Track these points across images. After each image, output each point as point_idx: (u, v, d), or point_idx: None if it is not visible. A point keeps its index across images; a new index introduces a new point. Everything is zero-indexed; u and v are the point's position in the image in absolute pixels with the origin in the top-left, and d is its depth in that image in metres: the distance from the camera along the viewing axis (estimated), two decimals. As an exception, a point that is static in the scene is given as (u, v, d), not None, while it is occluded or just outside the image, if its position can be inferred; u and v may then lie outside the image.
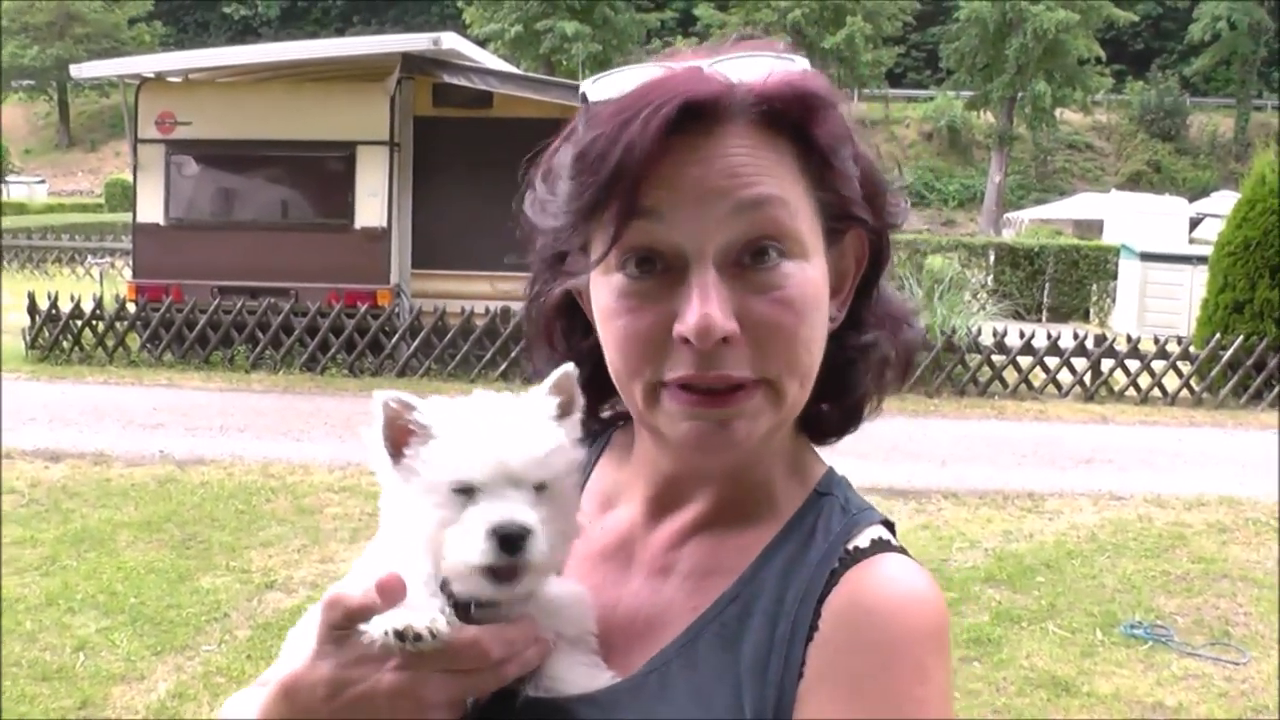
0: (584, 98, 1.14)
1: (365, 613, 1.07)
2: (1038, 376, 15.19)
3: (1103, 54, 52.39)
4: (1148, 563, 8.42)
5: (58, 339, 15.62)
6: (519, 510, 1.07)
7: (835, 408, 1.25)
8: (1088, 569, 8.25)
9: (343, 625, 1.08)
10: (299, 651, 1.13)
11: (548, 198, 1.16)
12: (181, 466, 10.21)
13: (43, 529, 8.45)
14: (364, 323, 14.87)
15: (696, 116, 1.07)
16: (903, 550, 1.19)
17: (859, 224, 1.17)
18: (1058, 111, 53.99)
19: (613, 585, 1.23)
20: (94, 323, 15.70)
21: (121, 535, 8.35)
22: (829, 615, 1.11)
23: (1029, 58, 49.87)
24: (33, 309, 15.66)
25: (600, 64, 53.56)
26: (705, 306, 1.06)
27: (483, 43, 38.16)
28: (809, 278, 1.11)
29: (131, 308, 15.63)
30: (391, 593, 1.07)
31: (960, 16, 52.94)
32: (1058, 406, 14.57)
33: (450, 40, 15.61)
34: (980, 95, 53.91)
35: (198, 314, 15.18)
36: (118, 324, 15.64)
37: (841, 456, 1.29)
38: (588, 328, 1.22)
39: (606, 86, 1.12)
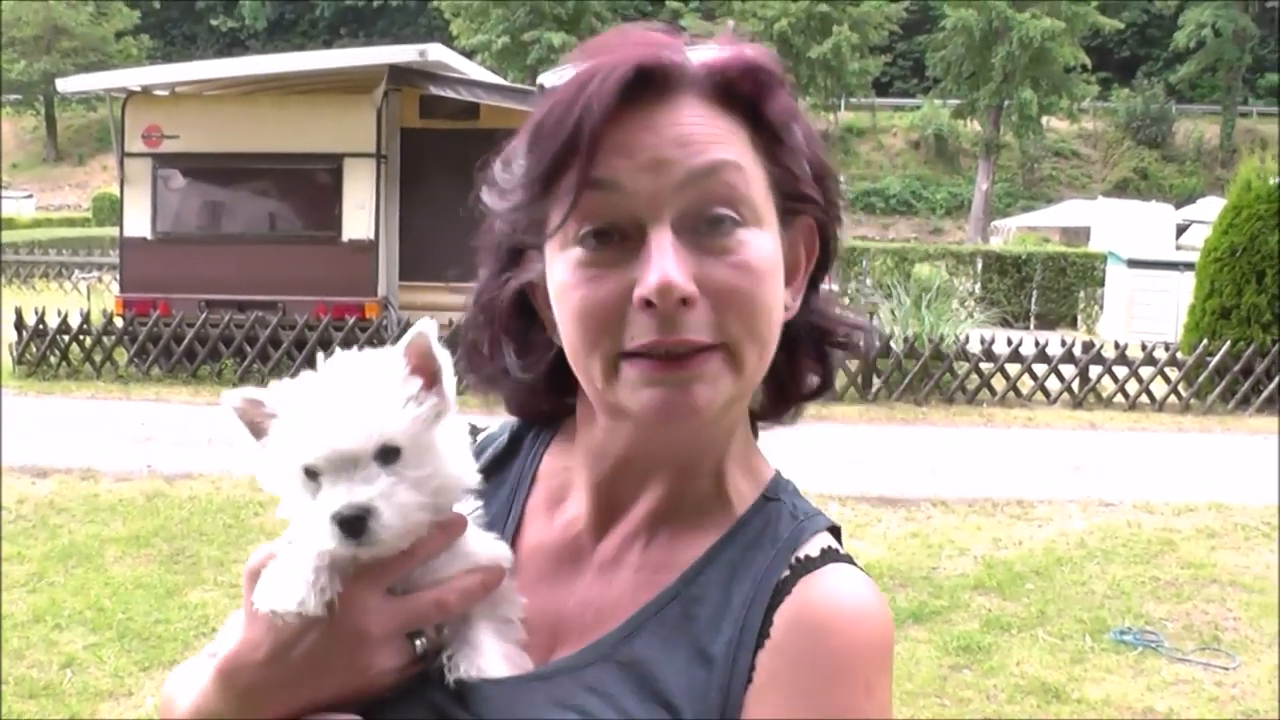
0: (541, 88, 1.16)
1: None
2: (1026, 384, 15.22)
3: (1089, 62, 52.57)
4: (1137, 569, 8.43)
5: (45, 354, 15.57)
6: (355, 491, 1.08)
7: (775, 394, 1.27)
8: (1077, 575, 8.26)
9: None
10: (232, 628, 1.16)
11: (505, 178, 1.20)
12: (169, 481, 10.18)
13: (30, 545, 8.41)
14: (352, 335, 14.80)
15: (649, 84, 1.09)
16: (850, 559, 1.19)
17: (810, 205, 1.18)
18: (1044, 119, 54.23)
19: (565, 579, 1.24)
20: (81, 337, 15.65)
21: (109, 551, 8.32)
22: (781, 624, 1.12)
23: (1015, 66, 50.03)
24: (20, 324, 15.60)
25: (587, 75, 53.65)
26: (665, 269, 1.06)
27: (469, 54, 38.24)
28: (765, 245, 1.12)
29: (119, 322, 15.58)
30: (254, 575, 1.12)
31: (946, 25, 53.08)
32: (1046, 413, 14.60)
33: (437, 52, 15.59)
34: (967, 103, 54.06)
35: (185, 328, 15.13)
36: (105, 338, 15.59)
37: (830, 464, 1.29)
38: (543, 326, 1.23)
39: (564, 74, 1.13)
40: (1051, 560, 8.55)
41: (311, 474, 1.09)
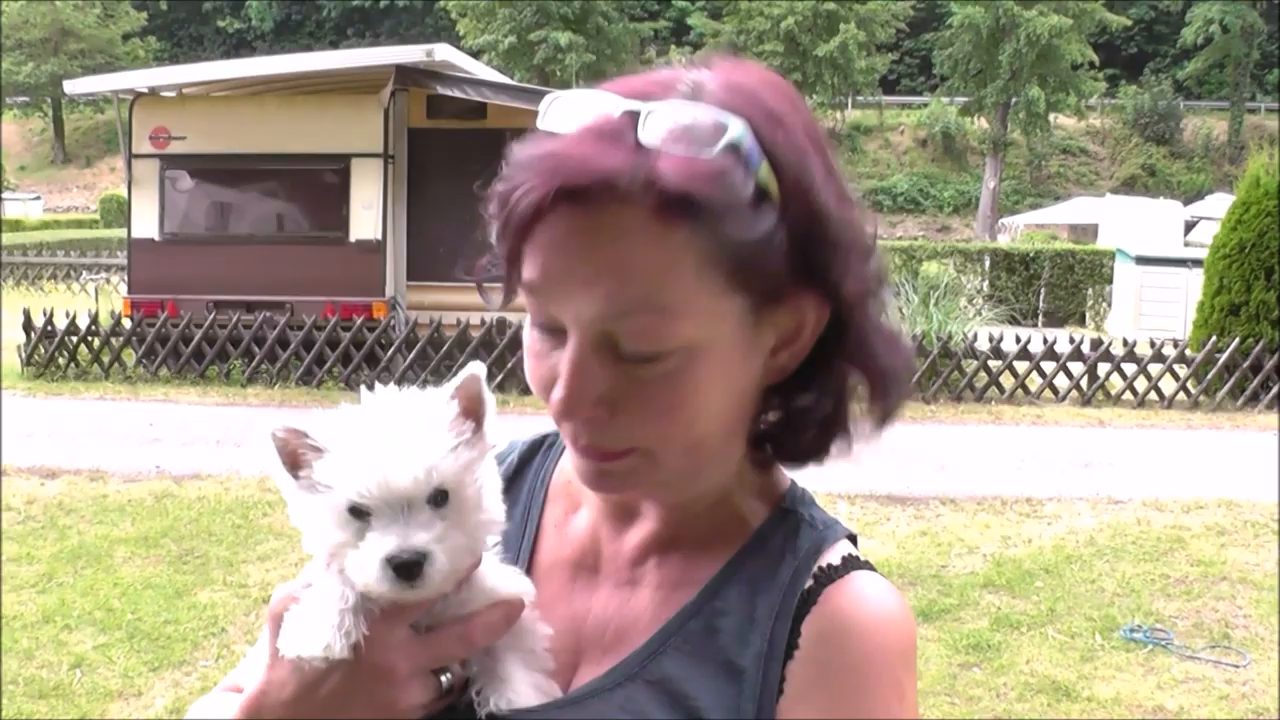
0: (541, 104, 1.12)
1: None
2: (1034, 381, 15.20)
3: (1096, 58, 52.54)
4: (1147, 566, 8.41)
5: (53, 355, 15.60)
6: (412, 535, 1.07)
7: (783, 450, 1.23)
8: (1087, 573, 8.24)
9: None
10: (257, 663, 1.15)
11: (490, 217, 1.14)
12: (178, 481, 10.19)
13: (39, 546, 8.43)
14: (360, 335, 14.85)
15: (584, 197, 1.03)
16: (870, 565, 1.21)
17: (801, 289, 1.10)
18: (1052, 116, 54.19)
19: (582, 594, 1.24)
20: (90, 339, 15.68)
21: (118, 551, 8.33)
22: (809, 634, 1.12)
23: (1022, 63, 50.01)
24: (28, 325, 15.63)
25: (594, 74, 53.70)
26: (564, 390, 1.08)
27: (476, 54, 38.23)
28: (693, 373, 1.08)
29: (127, 323, 15.60)
30: (277, 617, 1.11)
31: (953, 23, 53.07)
32: (1055, 411, 14.58)
33: (444, 52, 15.59)
34: (974, 101, 54.04)
35: (193, 329, 15.15)
36: (113, 339, 15.62)
37: (837, 464, 1.28)
38: None
39: (551, 115, 1.10)
40: (1061, 558, 8.54)
41: (359, 513, 1.08)
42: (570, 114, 1.08)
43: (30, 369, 15.53)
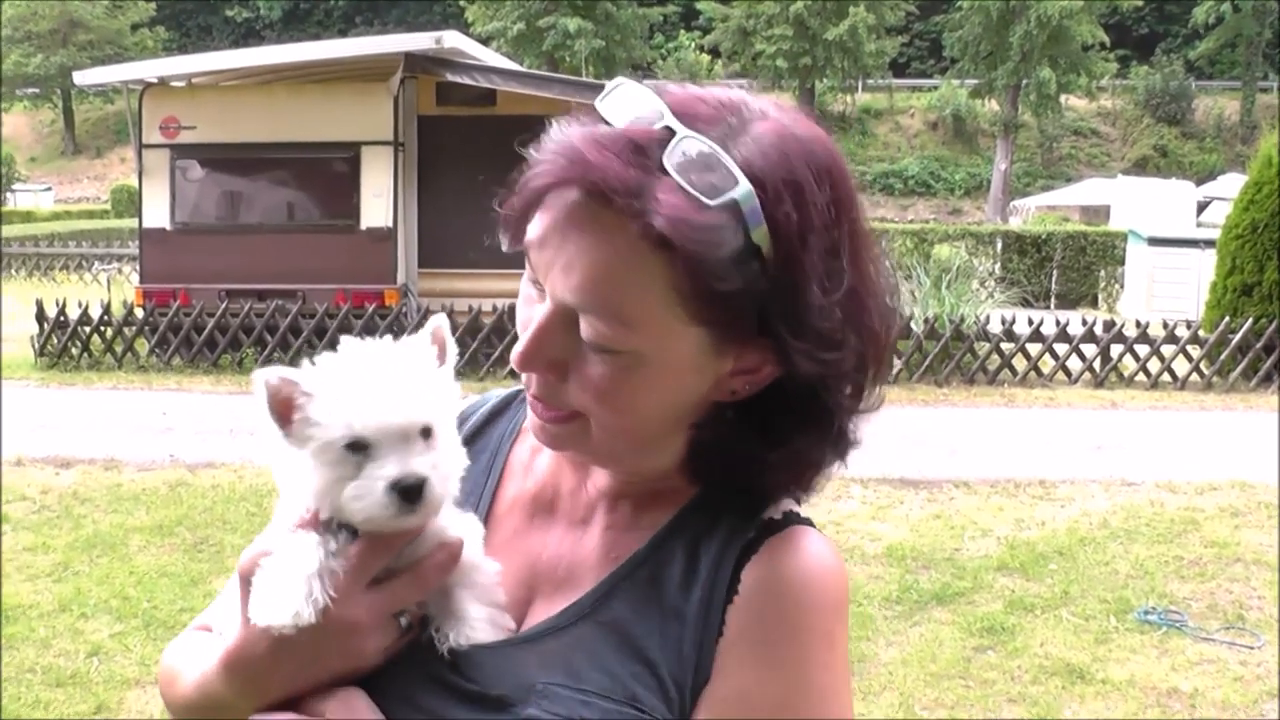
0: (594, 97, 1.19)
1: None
2: (1047, 364, 15.17)
3: (1107, 39, 52.37)
4: (1160, 548, 8.40)
5: (66, 345, 15.65)
6: (414, 462, 1.16)
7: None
8: (1100, 556, 8.23)
9: None
10: (225, 612, 1.25)
11: None
12: (192, 470, 10.22)
13: (54, 535, 8.46)
14: (372, 323, 14.83)
15: (590, 197, 1.12)
16: (810, 523, 1.27)
17: (766, 339, 1.17)
18: (1063, 98, 54.03)
19: (538, 531, 1.35)
20: (102, 329, 15.73)
21: (133, 540, 8.36)
22: (749, 581, 1.21)
23: (1033, 45, 49.85)
24: (41, 316, 15.68)
25: (603, 60, 53.68)
26: (525, 345, 1.20)
27: (485, 41, 38.20)
28: (634, 378, 1.17)
29: (139, 313, 15.65)
30: (247, 575, 1.20)
31: (963, 5, 52.94)
32: (1067, 393, 14.55)
33: (453, 39, 15.59)
34: (985, 83, 53.89)
35: (205, 318, 15.19)
36: (126, 329, 15.67)
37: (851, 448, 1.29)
38: None
39: (606, 102, 1.18)
40: (1074, 540, 8.53)
41: (357, 446, 1.15)
42: (623, 108, 1.16)
43: (43, 359, 15.58)
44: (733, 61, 57.13)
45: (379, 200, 15.30)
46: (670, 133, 1.12)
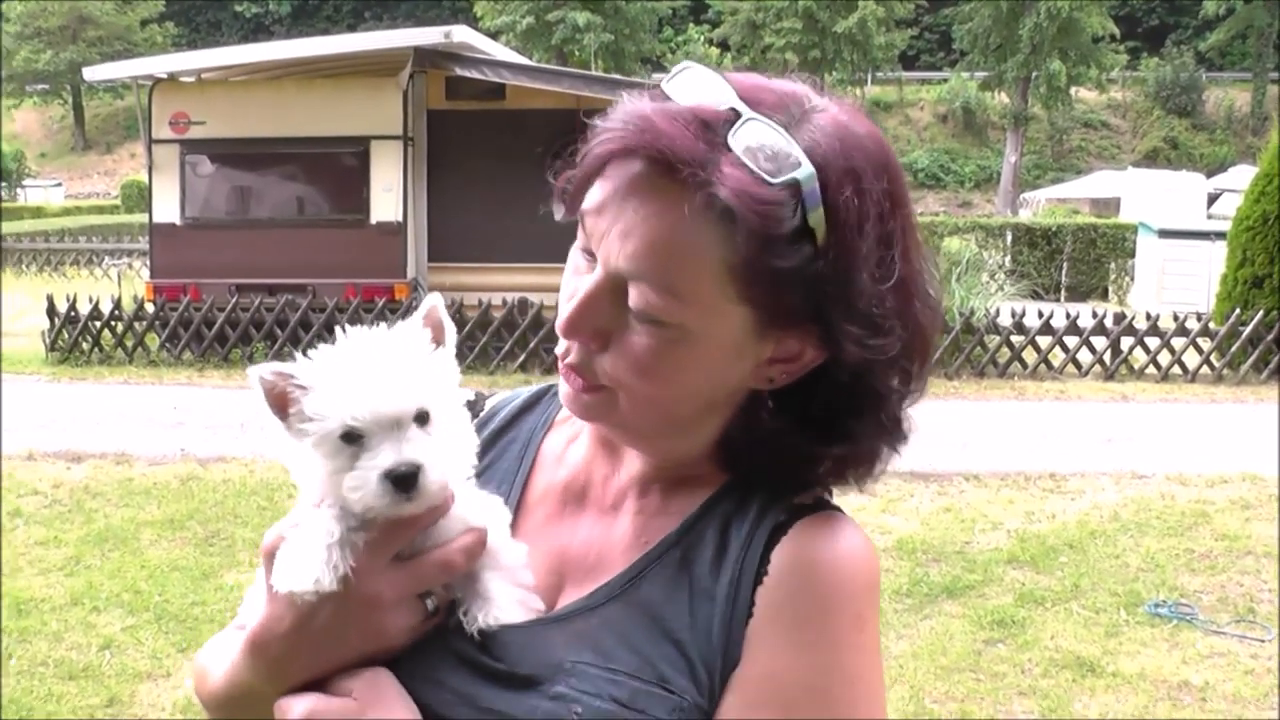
0: (659, 85, 1.22)
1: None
2: (1057, 356, 15.15)
3: (1117, 31, 52.23)
4: (1171, 541, 8.39)
5: (77, 340, 15.68)
6: (406, 450, 1.16)
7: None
8: (1111, 548, 8.22)
9: None
10: (255, 604, 1.25)
11: None
12: (203, 464, 10.25)
13: (66, 529, 8.49)
14: (382, 317, 14.81)
15: (654, 168, 1.14)
16: (841, 510, 1.28)
17: (810, 325, 1.18)
18: (1073, 90, 53.83)
19: (569, 520, 1.35)
20: (113, 323, 15.76)
21: (145, 534, 8.39)
22: (778, 563, 1.21)
23: (1043, 37, 49.69)
24: (52, 311, 15.71)
25: (612, 54, 53.61)
26: (572, 312, 1.21)
27: (494, 35, 38.24)
28: (677, 353, 1.19)
29: (150, 308, 15.66)
30: (270, 555, 1.20)
31: (973, -3, 52.75)
32: (1078, 386, 14.53)
33: (462, 33, 15.59)
34: (994, 76, 53.76)
35: (216, 312, 15.22)
36: (136, 324, 15.69)
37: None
38: None
39: (673, 83, 1.21)
40: (1085, 533, 8.52)
41: (352, 437, 1.16)
42: (690, 88, 1.19)
43: (54, 354, 15.62)
44: (742, 55, 57.03)
45: (389, 195, 15.31)
46: (736, 114, 1.15)
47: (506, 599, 1.24)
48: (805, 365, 1.22)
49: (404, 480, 1.15)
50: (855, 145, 1.17)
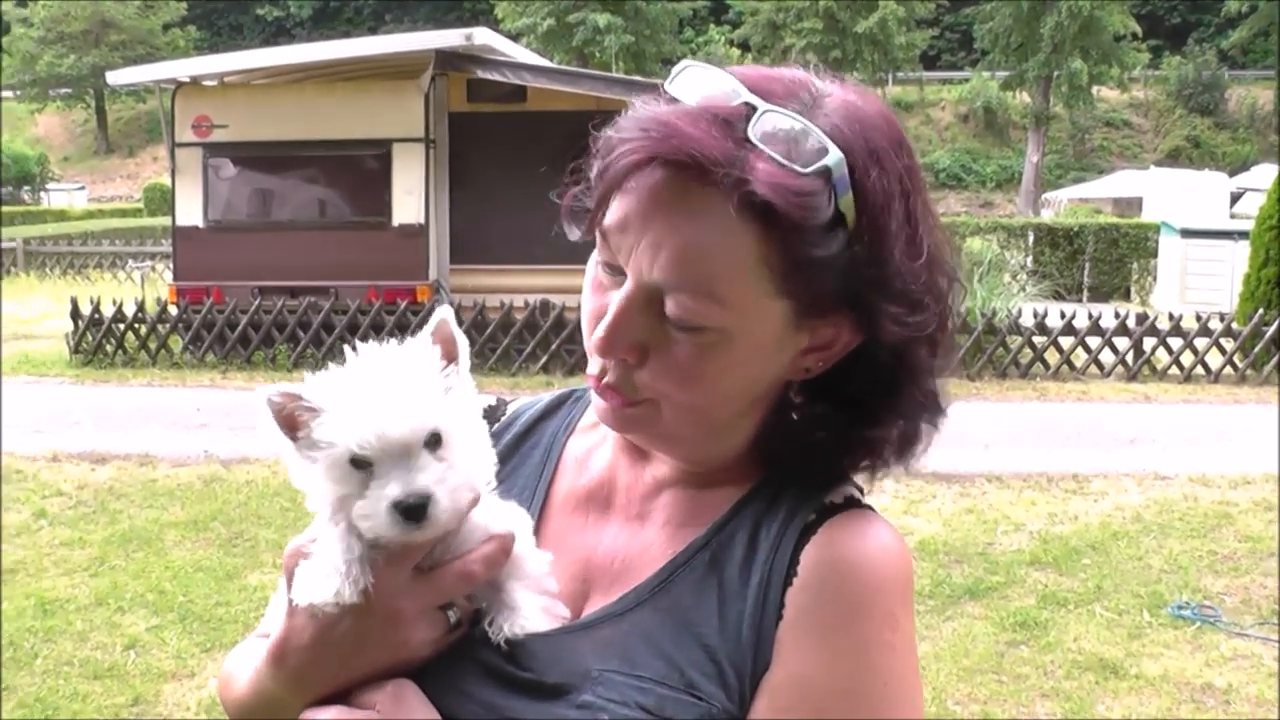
0: (660, 87, 1.20)
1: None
2: (1079, 357, 15.09)
3: (1139, 29, 52.00)
4: (1194, 543, 8.36)
5: (101, 343, 15.78)
6: (414, 480, 1.13)
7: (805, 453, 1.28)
8: (1134, 550, 8.20)
9: None
10: (277, 613, 1.24)
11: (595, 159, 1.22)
12: (226, 465, 10.29)
13: (91, 530, 8.54)
14: (404, 319, 14.86)
15: (675, 167, 1.11)
16: (872, 509, 1.26)
17: (845, 310, 1.18)
18: (1094, 89, 53.62)
19: (594, 526, 1.33)
20: (136, 326, 15.85)
21: (169, 535, 8.43)
22: (807, 563, 1.19)
23: (1064, 35, 49.49)
24: (76, 314, 15.81)
25: (633, 55, 53.60)
26: (608, 329, 1.18)
27: (515, 37, 38.28)
28: (720, 355, 1.17)
29: (173, 310, 15.75)
30: (290, 569, 1.19)
31: (994, -4, 52.58)
32: (1100, 387, 14.48)
33: (483, 36, 15.63)
34: (1016, 75, 53.58)
35: (239, 315, 15.29)
36: (160, 326, 15.78)
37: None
38: None
39: (678, 82, 1.18)
40: (1107, 535, 8.50)
41: (360, 464, 1.14)
42: (696, 86, 1.17)
43: (78, 357, 15.71)
44: (763, 56, 56.94)
45: (411, 197, 15.36)
46: (750, 107, 1.13)
47: (531, 607, 1.22)
48: (841, 350, 1.21)
49: (413, 511, 1.13)
50: (871, 126, 1.16)
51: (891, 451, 1.27)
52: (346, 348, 1.20)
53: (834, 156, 1.11)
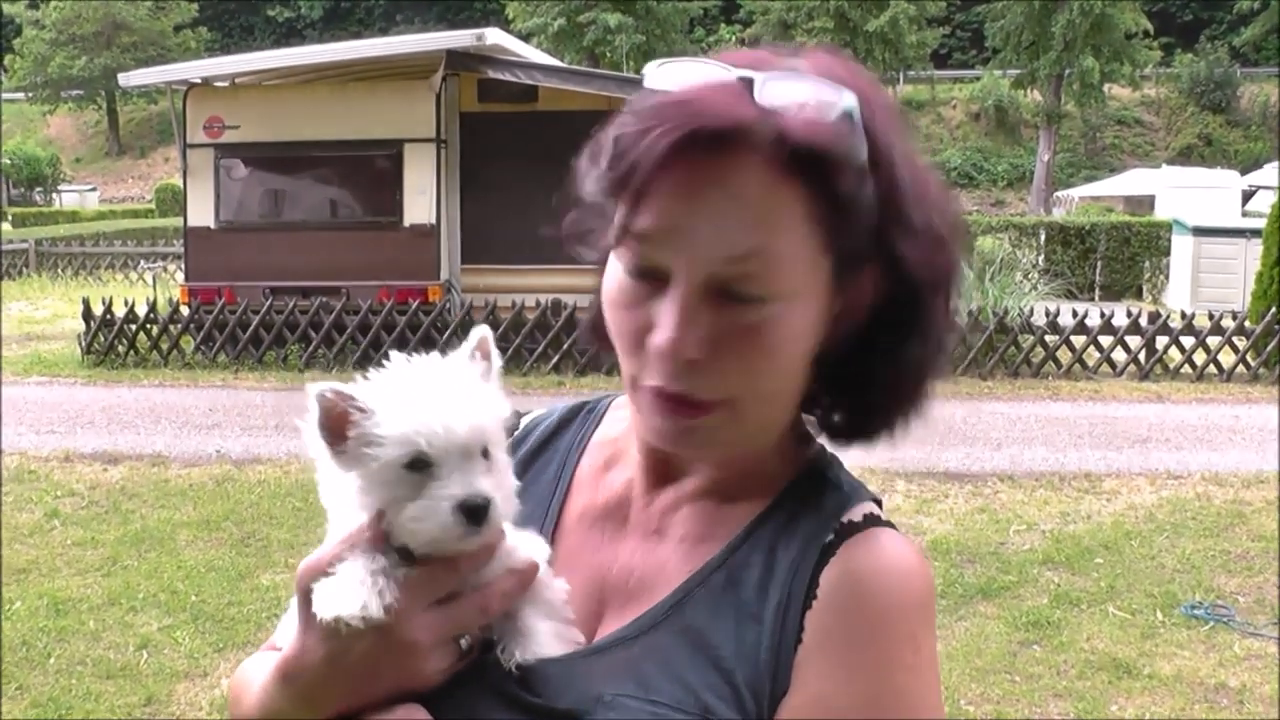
0: (644, 78, 1.16)
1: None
2: (1092, 356, 15.06)
3: (1150, 27, 51.80)
4: (1207, 542, 8.34)
5: (113, 343, 15.81)
6: (480, 481, 1.12)
7: (843, 411, 1.27)
8: (1146, 549, 8.18)
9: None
10: (289, 629, 1.21)
11: (591, 169, 1.18)
12: (239, 466, 10.31)
13: (103, 530, 8.56)
14: (416, 319, 14.90)
15: (708, 143, 1.08)
16: (892, 525, 1.23)
17: (873, 261, 1.16)
18: (1106, 87, 53.39)
19: (609, 544, 1.30)
20: (148, 326, 15.87)
21: (181, 535, 8.45)
22: (826, 585, 1.16)
23: (1075, 33, 49.33)
24: (87, 315, 15.85)
25: (644, 55, 53.50)
26: (674, 330, 1.11)
27: (526, 38, 38.26)
28: (789, 321, 1.13)
29: (185, 310, 15.77)
30: (306, 585, 1.15)
31: (1005, -5, 52.46)
32: (1113, 386, 14.45)
33: (494, 36, 15.65)
34: (1027, 73, 53.38)
35: (250, 315, 15.31)
36: (172, 327, 15.80)
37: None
38: None
39: (663, 75, 1.14)
40: (1120, 534, 8.48)
41: (417, 465, 1.12)
42: (682, 75, 1.13)
43: (90, 357, 15.75)
44: (774, 55, 56.85)
45: (422, 197, 15.38)
46: (747, 80, 1.10)
47: (544, 633, 1.20)
48: (865, 311, 1.18)
49: (475, 512, 1.11)
50: (854, 70, 1.16)
51: (909, 402, 1.24)
52: (385, 344, 1.18)
53: (849, 99, 1.10)
